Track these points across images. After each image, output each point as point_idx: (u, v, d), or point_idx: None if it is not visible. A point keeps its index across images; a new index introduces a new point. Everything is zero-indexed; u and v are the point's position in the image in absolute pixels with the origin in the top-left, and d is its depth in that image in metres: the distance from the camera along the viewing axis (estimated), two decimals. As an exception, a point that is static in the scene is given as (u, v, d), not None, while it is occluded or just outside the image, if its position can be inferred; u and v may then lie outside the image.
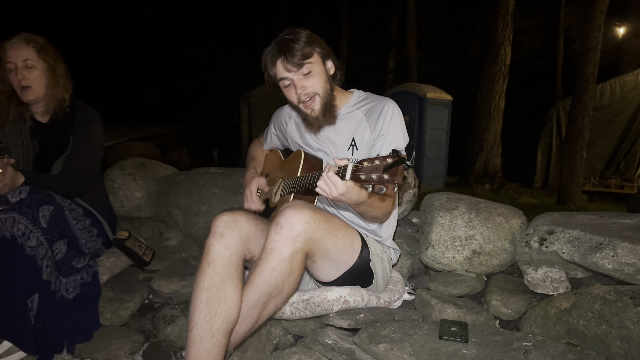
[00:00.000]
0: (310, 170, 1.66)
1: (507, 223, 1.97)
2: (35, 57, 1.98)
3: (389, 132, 1.63)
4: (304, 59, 1.60)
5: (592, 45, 6.28)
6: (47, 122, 2.09)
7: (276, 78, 1.66)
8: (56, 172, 2.02)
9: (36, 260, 1.75)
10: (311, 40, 1.63)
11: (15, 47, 1.96)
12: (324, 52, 1.67)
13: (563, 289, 1.71)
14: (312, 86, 1.64)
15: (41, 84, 2.01)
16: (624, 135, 8.69)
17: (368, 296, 1.72)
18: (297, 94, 1.65)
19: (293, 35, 1.61)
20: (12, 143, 2.04)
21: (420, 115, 7.82)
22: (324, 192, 1.32)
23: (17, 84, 1.97)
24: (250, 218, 1.54)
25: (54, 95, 2.05)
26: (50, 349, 1.77)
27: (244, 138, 10.33)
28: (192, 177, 2.73)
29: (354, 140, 1.71)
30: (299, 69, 1.61)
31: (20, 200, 1.75)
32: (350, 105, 1.76)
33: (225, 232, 1.46)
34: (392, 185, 1.14)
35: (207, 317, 1.36)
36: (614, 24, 10.29)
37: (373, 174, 1.16)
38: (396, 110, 1.68)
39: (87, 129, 2.09)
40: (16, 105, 2.04)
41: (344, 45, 12.35)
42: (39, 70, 2.00)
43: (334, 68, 1.73)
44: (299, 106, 1.69)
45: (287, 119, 1.94)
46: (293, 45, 1.59)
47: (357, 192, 1.32)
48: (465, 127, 8.67)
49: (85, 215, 2.04)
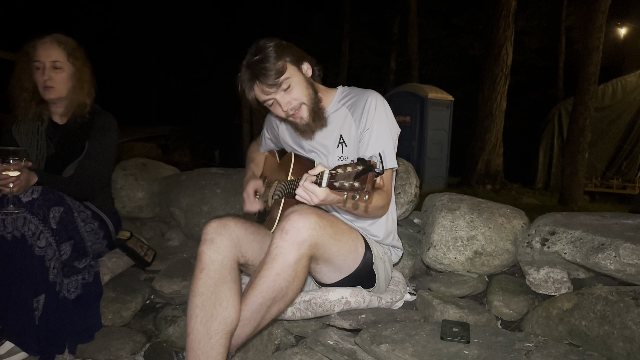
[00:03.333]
0: (302, 172, 1.66)
1: (509, 223, 1.96)
2: (64, 59, 1.99)
3: (374, 124, 1.62)
4: (279, 76, 1.55)
5: (594, 46, 6.27)
6: (64, 124, 2.09)
7: (257, 101, 1.63)
8: (68, 175, 2.02)
9: (45, 260, 1.76)
10: (280, 52, 1.57)
11: (47, 46, 1.97)
12: (296, 58, 1.63)
13: (565, 290, 1.71)
14: (296, 98, 1.61)
15: (65, 86, 2.02)
16: (625, 136, 8.69)
17: (370, 297, 1.71)
18: (284, 111, 1.62)
19: (261, 55, 1.56)
20: (26, 141, 2.04)
21: (422, 115, 7.82)
22: (304, 200, 1.32)
23: (42, 83, 1.97)
24: (239, 223, 1.53)
25: (76, 98, 2.05)
26: (52, 349, 1.77)
27: (246, 138, 10.34)
28: (193, 177, 2.73)
29: (342, 137, 1.69)
30: (277, 87, 1.57)
31: (32, 200, 1.76)
32: (335, 102, 1.74)
33: (215, 237, 1.46)
34: (362, 193, 1.14)
35: (203, 321, 1.36)
36: (615, 24, 10.27)
37: (345, 182, 1.16)
38: (380, 102, 1.65)
39: (104, 136, 2.10)
40: (37, 103, 2.04)
41: (345, 46, 12.36)
42: (65, 72, 2.00)
43: (311, 68, 1.70)
44: (289, 119, 1.68)
45: (277, 122, 1.93)
46: (264, 66, 1.54)
47: (336, 197, 1.32)
48: (467, 128, 8.67)
49: (94, 218, 2.04)
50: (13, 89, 2.01)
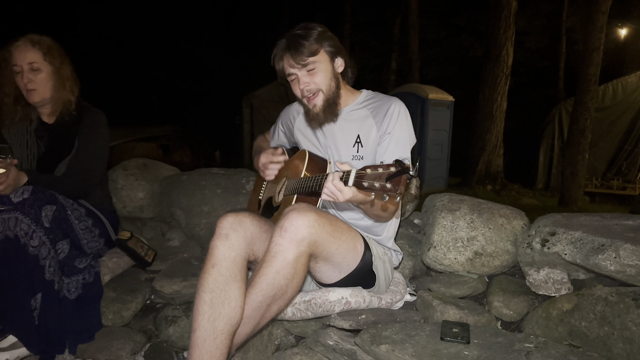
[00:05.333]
0: (315, 170, 1.67)
1: (509, 224, 1.97)
2: (41, 59, 1.98)
3: (396, 130, 1.64)
4: (310, 56, 1.62)
5: (595, 47, 6.28)
6: (53, 123, 2.09)
7: (283, 72, 1.70)
8: (60, 174, 2.02)
9: (39, 259, 1.76)
10: (321, 37, 1.65)
11: (21, 49, 1.96)
12: (334, 50, 1.68)
13: (565, 291, 1.71)
14: (316, 82, 1.66)
15: (47, 87, 2.01)
16: (626, 137, 8.68)
17: (370, 297, 1.72)
18: (301, 89, 1.67)
19: (304, 32, 1.64)
20: (17, 143, 2.04)
21: (423, 116, 7.82)
22: (330, 198, 1.32)
23: (23, 87, 1.97)
24: (254, 219, 1.54)
25: (60, 97, 2.05)
26: (52, 349, 1.77)
27: (246, 139, 10.35)
28: (194, 177, 2.73)
29: (359, 137, 1.72)
30: (303, 66, 1.63)
31: (23, 200, 1.76)
32: (357, 103, 1.78)
33: (230, 233, 1.46)
34: (395, 195, 1.14)
35: (211, 319, 1.35)
36: (616, 25, 10.28)
37: (376, 182, 1.16)
38: (403, 110, 1.69)
39: (93, 132, 2.09)
40: (23, 106, 2.04)
41: (346, 46, 12.30)
42: (44, 73, 1.99)
43: (344, 66, 1.74)
44: (302, 100, 1.72)
45: (295, 114, 1.96)
46: (301, 42, 1.61)
47: (362, 196, 1.32)
48: (467, 128, 8.65)
49: (88, 216, 2.04)
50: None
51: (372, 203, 1.37)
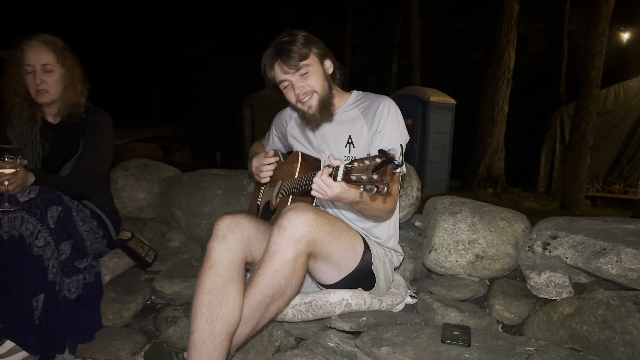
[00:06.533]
0: (308, 171, 1.67)
1: (511, 227, 1.96)
2: (54, 61, 1.98)
3: (386, 128, 1.65)
4: (301, 60, 1.63)
5: (597, 50, 6.28)
6: (58, 123, 2.09)
7: (275, 80, 1.70)
8: (65, 174, 2.02)
9: (43, 260, 1.76)
10: (308, 41, 1.66)
11: (35, 49, 1.95)
12: (321, 52, 1.70)
13: (566, 294, 1.71)
14: (310, 85, 1.67)
15: (58, 88, 2.01)
16: (627, 141, 8.66)
17: (370, 299, 1.71)
18: (296, 94, 1.68)
19: (290, 38, 1.65)
20: (21, 142, 2.04)
21: (424, 118, 7.82)
22: (319, 193, 1.34)
23: (34, 87, 1.96)
24: (251, 221, 1.54)
25: (69, 99, 2.05)
26: (52, 349, 1.77)
27: (247, 140, 10.34)
28: (194, 178, 2.73)
29: (350, 138, 1.73)
30: (296, 70, 1.64)
31: (30, 200, 1.76)
32: (348, 105, 1.79)
33: (227, 234, 1.46)
34: (382, 185, 1.15)
35: (209, 320, 1.35)
36: (618, 29, 10.29)
37: (363, 175, 1.17)
38: (392, 107, 1.69)
39: (99, 134, 2.09)
40: (29, 105, 2.03)
41: (347, 49, 12.37)
42: (57, 74, 1.99)
43: (333, 67, 1.76)
44: (297, 105, 1.72)
45: (287, 119, 1.97)
46: (290, 48, 1.62)
47: (353, 192, 1.34)
48: (469, 131, 8.65)
49: (92, 217, 2.04)
50: (5, 92, 2.00)
51: (361, 196, 1.38)
